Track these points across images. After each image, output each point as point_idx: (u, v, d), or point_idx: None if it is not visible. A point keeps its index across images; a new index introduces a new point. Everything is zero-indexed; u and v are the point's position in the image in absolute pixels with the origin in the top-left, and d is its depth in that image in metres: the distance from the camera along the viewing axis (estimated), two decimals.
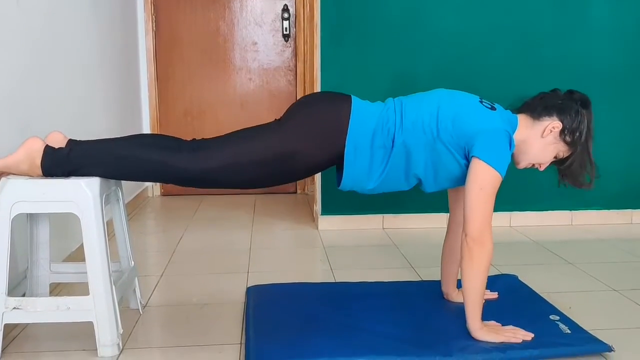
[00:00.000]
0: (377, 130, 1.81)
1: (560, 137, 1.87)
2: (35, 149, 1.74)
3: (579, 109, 1.88)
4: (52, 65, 2.42)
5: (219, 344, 1.86)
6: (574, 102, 1.90)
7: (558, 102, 1.90)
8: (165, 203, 4.10)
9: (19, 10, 2.11)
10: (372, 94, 3.14)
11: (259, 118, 4.26)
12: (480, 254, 1.75)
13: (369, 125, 1.82)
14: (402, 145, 1.81)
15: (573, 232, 3.25)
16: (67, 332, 1.90)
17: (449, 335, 1.84)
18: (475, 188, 1.76)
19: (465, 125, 1.80)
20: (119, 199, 2.00)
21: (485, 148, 1.76)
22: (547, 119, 1.88)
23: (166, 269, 2.61)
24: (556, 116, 1.88)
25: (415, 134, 1.81)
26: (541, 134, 1.88)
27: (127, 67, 3.78)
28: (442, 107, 1.84)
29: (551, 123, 1.87)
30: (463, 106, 1.86)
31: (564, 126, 1.86)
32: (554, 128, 1.87)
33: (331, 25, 3.16)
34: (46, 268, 2.00)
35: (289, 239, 3.19)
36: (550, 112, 1.88)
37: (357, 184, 1.88)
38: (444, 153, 1.82)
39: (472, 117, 1.82)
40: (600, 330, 1.88)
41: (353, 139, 1.80)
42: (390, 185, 1.90)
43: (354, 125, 1.80)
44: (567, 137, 1.87)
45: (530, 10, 3.22)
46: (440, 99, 1.88)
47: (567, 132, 1.87)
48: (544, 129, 1.87)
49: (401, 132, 1.81)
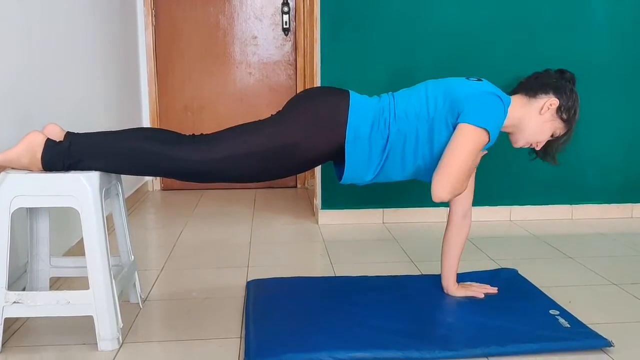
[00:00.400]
0: (374, 121, 1.86)
1: (557, 114, 1.92)
2: (36, 143, 1.74)
3: (572, 88, 1.95)
4: (52, 60, 2.42)
5: (219, 337, 1.86)
6: (567, 81, 1.96)
7: (553, 80, 1.95)
8: (165, 197, 4.10)
9: (19, 4, 2.11)
10: (371, 88, 3.14)
11: (259, 112, 4.26)
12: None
13: (367, 117, 1.86)
14: (397, 132, 1.86)
15: (573, 226, 3.25)
16: (67, 326, 1.91)
17: (449, 329, 1.85)
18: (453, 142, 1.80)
19: (453, 97, 1.86)
20: (119, 193, 2.00)
21: (472, 111, 1.81)
22: (543, 97, 1.93)
23: (166, 263, 2.61)
24: (552, 94, 1.93)
25: (408, 120, 1.87)
26: (539, 111, 1.92)
27: (127, 62, 3.77)
28: (429, 88, 1.93)
29: (548, 100, 1.92)
30: (449, 81, 1.94)
31: (560, 103, 1.91)
32: (552, 105, 1.92)
33: (331, 19, 3.15)
34: (46, 262, 2.00)
35: (289, 233, 3.19)
36: (547, 90, 1.93)
37: (357, 175, 1.91)
38: (439, 130, 1.86)
39: (460, 86, 1.90)
40: (600, 325, 1.88)
41: (353, 129, 1.84)
42: (388, 175, 1.94)
43: (353, 117, 1.84)
44: (563, 114, 1.92)
45: (530, 5, 3.21)
46: (426, 83, 1.97)
47: (563, 109, 1.92)
48: (542, 105, 1.92)
49: (395, 120, 1.86)
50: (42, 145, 1.74)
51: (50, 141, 1.76)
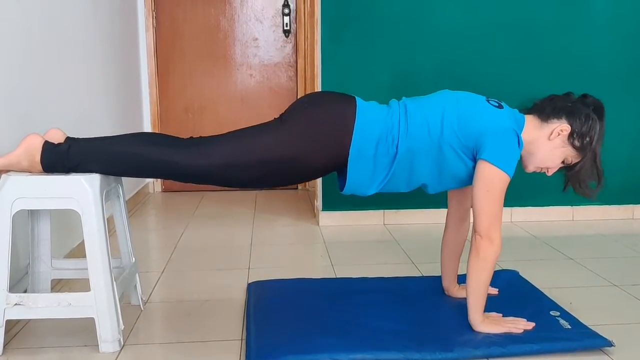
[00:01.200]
0: (382, 138, 1.79)
1: (568, 140, 1.83)
2: (34, 146, 1.74)
3: (589, 114, 1.83)
4: (52, 61, 2.42)
5: (220, 339, 1.86)
6: (586, 106, 1.85)
7: (568, 104, 1.86)
8: (166, 199, 4.11)
9: (19, 5, 2.11)
10: (372, 90, 3.16)
11: (260, 114, 4.27)
12: (488, 250, 1.77)
13: (374, 133, 1.78)
14: (406, 151, 1.79)
15: (574, 228, 3.25)
16: (68, 328, 1.91)
17: (449, 330, 1.85)
18: (483, 190, 1.76)
19: (471, 126, 1.78)
20: (120, 195, 2.00)
21: (493, 150, 1.75)
22: (555, 122, 1.84)
23: (167, 265, 2.61)
24: (565, 119, 1.83)
25: (420, 139, 1.79)
26: (548, 137, 1.84)
27: (128, 63, 3.78)
28: (447, 108, 1.81)
29: (559, 126, 1.83)
30: (468, 106, 1.83)
31: (572, 130, 1.82)
32: (562, 131, 1.82)
33: (332, 21, 3.15)
34: (47, 264, 2.01)
35: (289, 234, 3.20)
36: (559, 114, 1.84)
37: (359, 190, 1.87)
38: (450, 155, 1.80)
39: (478, 117, 1.80)
40: (601, 326, 1.88)
41: (357, 146, 1.77)
42: (392, 189, 1.90)
43: (359, 133, 1.77)
44: (575, 142, 1.82)
45: (531, 7, 3.21)
46: (444, 101, 1.85)
47: (575, 136, 1.82)
48: (552, 131, 1.83)
49: (405, 138, 1.79)
50: (40, 148, 1.74)
51: (48, 144, 1.76)
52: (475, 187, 1.78)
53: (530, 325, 1.84)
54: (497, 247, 1.77)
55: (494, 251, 1.77)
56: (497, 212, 1.78)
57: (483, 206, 1.76)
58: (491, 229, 1.77)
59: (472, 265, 1.80)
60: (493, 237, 1.77)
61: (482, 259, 1.78)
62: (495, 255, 1.78)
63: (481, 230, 1.77)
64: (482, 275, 1.79)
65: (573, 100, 1.88)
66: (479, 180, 1.77)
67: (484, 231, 1.77)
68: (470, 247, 1.81)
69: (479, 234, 1.77)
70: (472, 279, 1.80)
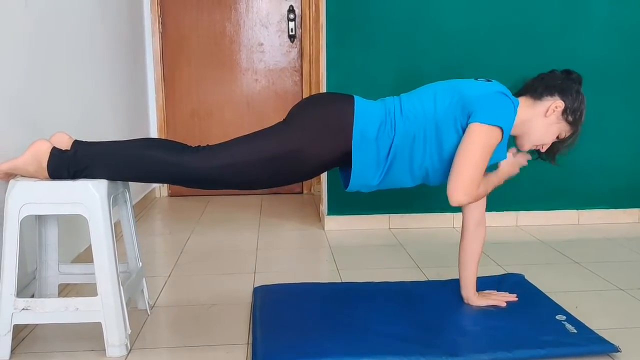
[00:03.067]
0: (381, 123, 1.85)
1: (562, 116, 1.91)
2: (42, 151, 1.75)
3: (579, 89, 1.93)
4: (60, 67, 2.44)
5: (226, 344, 1.87)
6: (573, 82, 1.94)
7: (558, 82, 1.94)
8: (173, 204, 4.12)
9: (27, 11, 2.13)
10: (377, 93, 3.14)
11: (265, 119, 4.29)
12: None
13: (373, 119, 1.85)
14: (404, 133, 1.85)
15: (580, 232, 3.24)
16: (75, 332, 1.92)
17: (455, 335, 1.85)
18: (465, 143, 1.79)
19: (463, 97, 1.85)
20: (127, 200, 2.01)
21: (482, 112, 1.80)
22: (549, 99, 1.92)
23: (173, 269, 2.62)
24: (558, 96, 1.91)
25: (416, 120, 1.86)
26: (544, 113, 1.91)
27: (134, 69, 3.80)
28: (439, 88, 1.93)
29: (553, 102, 1.91)
30: (458, 82, 1.94)
31: (566, 106, 1.90)
32: (557, 107, 1.90)
33: (337, 26, 3.16)
34: (55, 269, 2.02)
35: (295, 239, 3.20)
36: (552, 91, 1.92)
37: (364, 179, 1.89)
38: (447, 131, 1.85)
39: (469, 89, 1.88)
40: (606, 330, 1.88)
41: (359, 132, 1.83)
42: (395, 180, 1.92)
43: (359, 120, 1.83)
44: (569, 117, 1.91)
45: (533, 9, 3.21)
46: (435, 84, 1.97)
47: (569, 112, 1.90)
48: (547, 108, 1.91)
49: (402, 120, 1.85)
50: (47, 154, 1.75)
51: (55, 150, 1.77)
52: (461, 142, 1.81)
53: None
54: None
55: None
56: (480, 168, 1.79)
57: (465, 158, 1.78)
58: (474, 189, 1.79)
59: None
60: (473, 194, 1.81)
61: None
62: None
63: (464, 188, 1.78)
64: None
65: (562, 77, 1.95)
66: (465, 136, 1.81)
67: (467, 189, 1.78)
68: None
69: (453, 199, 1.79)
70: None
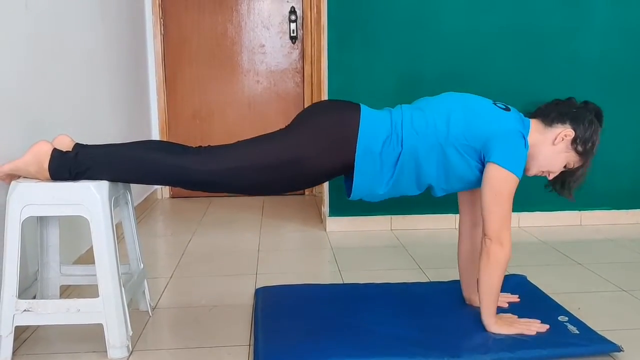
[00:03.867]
0: (387, 137, 1.80)
1: (572, 145, 1.84)
2: (43, 152, 1.75)
3: (592, 119, 1.85)
4: (61, 69, 2.44)
5: (227, 345, 1.87)
6: (588, 112, 1.87)
7: (572, 110, 1.87)
8: (174, 205, 4.12)
9: (28, 13, 2.13)
10: (379, 95, 3.16)
11: (267, 120, 4.30)
12: (498, 253, 1.77)
13: (379, 132, 1.80)
14: (412, 149, 1.79)
15: (582, 233, 3.24)
16: (77, 334, 1.92)
17: (457, 336, 1.85)
18: (491, 193, 1.76)
19: (478, 127, 1.78)
20: (128, 201, 2.01)
21: (501, 152, 1.75)
22: (559, 126, 1.85)
23: (175, 271, 2.62)
24: (569, 124, 1.84)
25: (426, 138, 1.79)
26: (552, 141, 1.84)
27: (136, 70, 3.80)
28: (454, 110, 1.82)
29: (563, 131, 1.83)
30: (475, 107, 1.84)
31: (576, 135, 1.83)
32: (566, 136, 1.83)
33: (338, 27, 3.16)
34: (56, 270, 2.02)
35: (297, 240, 3.20)
36: (564, 119, 1.85)
37: (367, 192, 1.86)
38: (456, 157, 1.80)
39: (485, 119, 1.80)
40: (609, 331, 1.87)
41: (363, 146, 1.78)
42: (401, 190, 1.89)
43: (364, 133, 1.78)
44: (578, 147, 1.83)
45: (536, 11, 3.21)
46: (451, 102, 1.86)
47: (579, 142, 1.83)
48: (556, 136, 1.84)
49: (410, 136, 1.79)
50: (48, 155, 1.75)
51: (56, 151, 1.77)
52: (483, 190, 1.78)
53: (544, 328, 1.85)
54: (507, 249, 1.78)
55: (505, 254, 1.78)
56: (507, 215, 1.78)
57: (492, 209, 1.76)
58: (501, 232, 1.77)
59: (483, 269, 1.81)
60: (503, 239, 1.77)
61: (493, 262, 1.78)
62: (506, 258, 1.79)
63: (491, 233, 1.77)
64: (494, 278, 1.80)
65: (576, 106, 1.88)
66: (487, 183, 1.77)
67: (493, 234, 1.77)
68: (481, 251, 1.81)
69: (489, 237, 1.77)
70: (484, 282, 1.81)
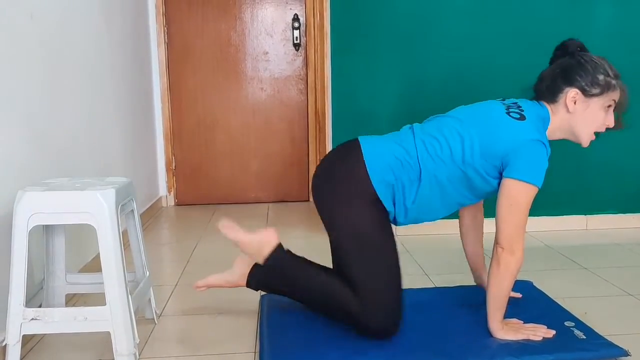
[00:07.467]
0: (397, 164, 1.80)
1: (586, 97, 1.77)
2: (268, 242, 1.94)
3: (579, 60, 1.79)
4: (66, 77, 2.45)
5: (233, 352, 1.87)
6: (571, 58, 1.81)
7: (557, 71, 1.82)
8: (179, 213, 4.13)
9: (33, 23, 2.14)
10: (382, 101, 3.17)
11: (271, 127, 4.31)
12: (509, 262, 1.75)
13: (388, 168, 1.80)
14: (431, 177, 1.79)
15: (588, 237, 3.23)
16: (83, 342, 1.92)
17: (463, 342, 1.84)
18: (506, 204, 1.74)
19: (495, 146, 1.75)
20: (134, 209, 2.02)
21: (521, 167, 1.72)
22: (562, 95, 1.80)
23: (180, 278, 2.62)
24: (565, 85, 1.79)
25: (444, 165, 1.78)
26: (569, 110, 1.79)
27: (140, 79, 3.82)
28: (467, 131, 1.79)
29: (568, 96, 1.78)
30: (489, 125, 1.79)
31: (581, 87, 1.77)
32: (574, 97, 1.77)
33: (341, 34, 3.17)
34: (62, 279, 2.02)
35: (301, 247, 3.18)
36: (559, 86, 1.80)
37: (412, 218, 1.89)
38: (475, 178, 1.79)
39: (501, 136, 1.75)
40: (616, 336, 1.86)
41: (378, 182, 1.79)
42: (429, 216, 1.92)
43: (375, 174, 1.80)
44: (593, 90, 1.76)
45: (538, 15, 3.22)
46: (463, 122, 1.82)
47: (588, 88, 1.76)
48: (565, 105, 1.79)
49: (427, 164, 1.78)
50: (271, 247, 1.93)
51: (279, 249, 1.94)
52: (500, 200, 1.76)
53: (550, 333, 1.84)
54: (518, 258, 1.76)
55: (516, 263, 1.76)
56: (522, 224, 1.75)
57: (507, 218, 1.74)
58: (514, 241, 1.75)
59: (493, 276, 1.79)
60: (515, 248, 1.75)
61: (504, 270, 1.77)
62: (517, 267, 1.77)
63: (503, 242, 1.75)
64: (503, 286, 1.79)
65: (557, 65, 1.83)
66: (503, 196, 1.74)
67: (506, 243, 1.75)
68: (492, 258, 1.80)
69: (501, 245, 1.76)
70: (493, 289, 1.80)
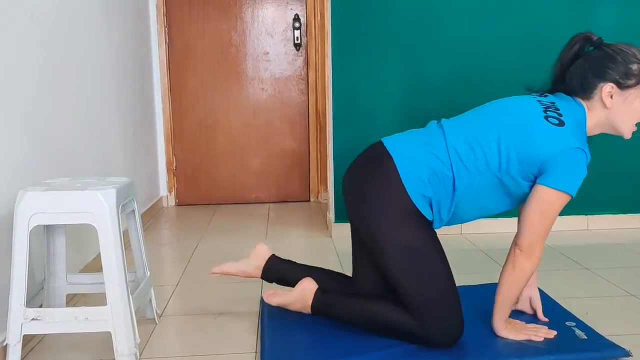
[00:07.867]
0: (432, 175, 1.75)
1: (623, 90, 1.70)
2: (308, 292, 1.96)
3: (606, 52, 1.71)
4: (66, 78, 2.46)
5: (234, 352, 1.87)
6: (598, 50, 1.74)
7: (587, 67, 1.74)
8: (180, 213, 4.13)
9: (33, 23, 2.15)
10: (383, 101, 3.17)
11: (272, 127, 4.31)
12: (525, 265, 1.74)
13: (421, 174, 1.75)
14: (466, 187, 1.76)
15: (589, 237, 3.23)
16: (84, 342, 1.92)
17: (465, 342, 1.83)
18: (537, 210, 1.70)
19: (532, 154, 1.69)
20: (135, 209, 2.02)
21: (557, 175, 1.67)
22: (596, 91, 1.73)
23: (181, 278, 2.62)
24: (599, 81, 1.72)
25: (479, 174, 1.74)
26: (606, 105, 1.72)
27: (141, 79, 3.82)
28: (503, 136, 1.72)
29: (603, 91, 1.71)
30: (526, 131, 1.71)
31: (615, 80, 1.70)
32: (610, 91, 1.71)
33: (342, 34, 3.17)
34: (63, 279, 2.02)
35: (302, 247, 3.20)
36: (592, 81, 1.73)
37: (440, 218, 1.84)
38: (511, 184, 1.75)
39: (538, 144, 1.69)
40: (617, 336, 1.86)
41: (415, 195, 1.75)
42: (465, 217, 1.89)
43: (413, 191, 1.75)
44: (629, 81, 1.69)
45: (541, 15, 3.21)
46: (498, 126, 1.74)
47: (624, 81, 1.69)
48: (602, 101, 1.72)
49: (463, 172, 1.74)
50: (312, 294, 1.95)
51: (319, 292, 1.95)
52: (530, 205, 1.71)
53: (551, 334, 1.84)
54: (534, 263, 1.74)
55: (531, 267, 1.74)
56: (546, 232, 1.73)
57: (534, 224, 1.71)
58: (534, 246, 1.73)
59: (506, 276, 1.78)
60: (533, 253, 1.73)
61: (518, 272, 1.75)
62: (532, 270, 1.76)
63: (523, 245, 1.73)
64: (514, 287, 1.78)
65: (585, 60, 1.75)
66: (536, 201, 1.70)
67: (526, 246, 1.72)
68: (507, 257, 1.78)
69: (520, 248, 1.73)
70: (504, 289, 1.79)
